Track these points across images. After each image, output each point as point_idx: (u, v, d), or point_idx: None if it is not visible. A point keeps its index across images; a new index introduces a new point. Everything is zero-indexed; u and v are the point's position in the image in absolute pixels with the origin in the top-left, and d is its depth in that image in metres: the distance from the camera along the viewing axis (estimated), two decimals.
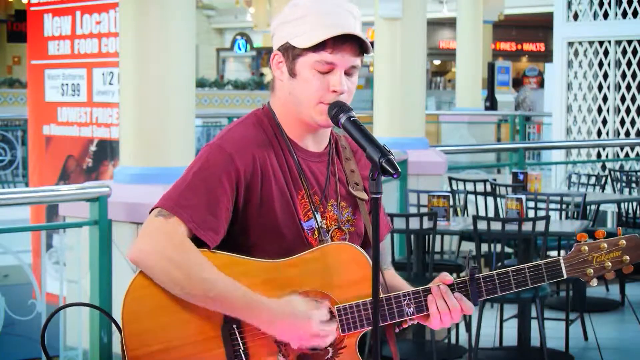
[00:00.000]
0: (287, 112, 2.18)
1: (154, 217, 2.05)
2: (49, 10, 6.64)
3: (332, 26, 2.08)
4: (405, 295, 2.12)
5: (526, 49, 30.25)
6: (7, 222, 6.05)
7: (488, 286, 2.15)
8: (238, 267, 2.05)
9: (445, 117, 16.96)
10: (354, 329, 2.10)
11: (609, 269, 2.18)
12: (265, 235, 2.11)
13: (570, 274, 2.17)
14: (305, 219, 2.15)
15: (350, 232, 2.22)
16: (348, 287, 2.10)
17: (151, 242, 2.02)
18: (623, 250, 2.19)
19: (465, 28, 15.90)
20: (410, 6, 7.21)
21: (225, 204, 2.06)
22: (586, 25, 9.27)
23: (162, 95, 4.95)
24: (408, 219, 5.30)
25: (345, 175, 2.24)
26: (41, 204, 6.19)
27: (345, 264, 2.11)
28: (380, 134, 7.22)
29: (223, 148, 2.09)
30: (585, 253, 2.18)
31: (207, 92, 17.01)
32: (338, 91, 2.11)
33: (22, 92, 15.84)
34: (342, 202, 2.22)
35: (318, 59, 2.09)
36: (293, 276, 2.08)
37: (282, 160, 2.14)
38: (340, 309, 2.09)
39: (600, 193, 7.58)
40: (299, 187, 2.16)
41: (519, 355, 5.49)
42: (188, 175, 2.09)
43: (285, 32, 2.13)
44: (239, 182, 2.08)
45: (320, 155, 2.22)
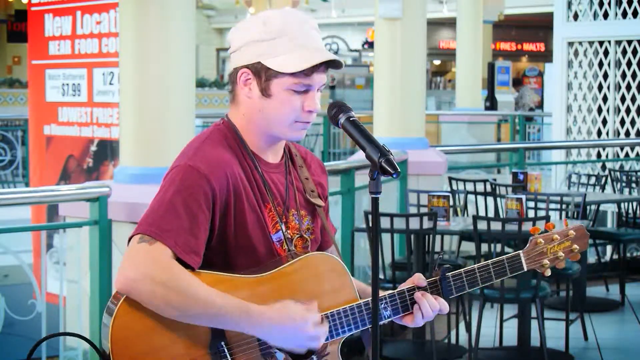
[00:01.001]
0: (250, 126, 2.19)
1: (136, 243, 2.04)
2: (50, 10, 6.65)
3: (310, 50, 2.12)
4: (381, 300, 2.19)
5: (526, 49, 30.25)
6: (8, 222, 6.05)
7: (457, 284, 2.25)
8: (223, 284, 2.07)
9: (445, 117, 16.96)
10: (336, 336, 2.16)
11: (561, 258, 2.32)
12: (239, 250, 2.14)
13: (530, 266, 2.31)
14: (273, 231, 2.19)
15: (311, 239, 2.28)
16: (329, 295, 2.16)
17: (140, 269, 2.01)
18: (572, 239, 2.34)
19: (465, 28, 15.89)
20: (410, 6, 7.22)
21: (204, 225, 2.08)
22: (586, 25, 9.28)
23: (162, 95, 4.95)
24: (408, 219, 5.30)
25: (301, 183, 2.29)
26: (41, 204, 6.19)
27: (324, 273, 2.17)
28: (380, 134, 7.23)
29: (197, 169, 2.08)
30: (541, 245, 2.32)
31: (207, 92, 17.01)
32: (313, 111, 2.16)
33: (22, 92, 15.83)
34: (302, 211, 2.27)
35: (296, 82, 2.12)
36: (276, 289, 2.11)
37: (249, 174, 2.17)
38: (323, 317, 2.13)
39: (600, 193, 7.57)
40: (266, 200, 2.19)
41: (519, 355, 5.49)
42: (165, 197, 2.08)
43: (256, 51, 2.14)
44: (215, 202, 2.09)
45: (279, 166, 2.26)
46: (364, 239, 6.45)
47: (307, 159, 2.35)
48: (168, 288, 1.99)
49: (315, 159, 2.37)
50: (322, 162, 2.41)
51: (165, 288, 1.99)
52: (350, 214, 5.83)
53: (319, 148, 15.42)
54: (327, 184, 2.39)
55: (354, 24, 27.30)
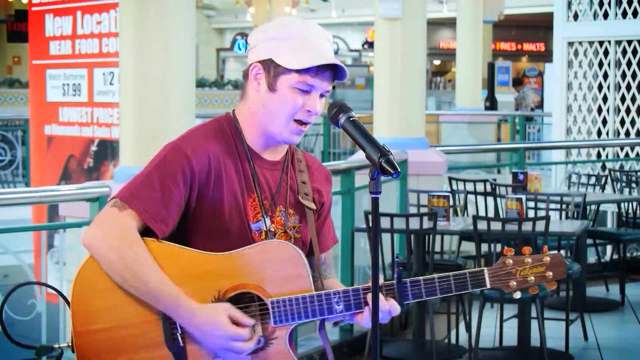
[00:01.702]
0: (253, 121, 2.30)
1: (109, 206, 2.20)
2: (50, 10, 6.65)
3: (320, 54, 2.22)
4: (335, 294, 2.23)
5: (526, 49, 30.26)
6: (9, 222, 6.05)
7: (414, 290, 2.26)
8: (180, 257, 2.19)
9: (445, 117, 16.97)
10: (285, 322, 2.21)
11: (532, 282, 2.28)
12: (212, 232, 2.24)
13: (494, 284, 2.28)
14: (254, 220, 2.28)
15: (296, 237, 2.34)
16: (282, 282, 2.21)
17: (102, 230, 2.18)
18: (547, 266, 2.29)
19: (465, 28, 15.90)
20: (410, 6, 7.22)
21: (177, 200, 2.20)
22: (586, 25, 9.28)
23: (162, 95, 4.95)
24: (408, 219, 5.30)
25: (296, 185, 2.36)
26: (41, 204, 6.19)
27: (281, 260, 2.22)
28: (380, 134, 7.23)
29: (181, 148, 2.22)
30: (509, 266, 2.28)
31: (207, 92, 17.02)
32: (312, 111, 2.24)
33: (22, 92, 15.84)
34: (290, 209, 2.34)
35: (301, 80, 2.22)
36: (232, 268, 2.20)
37: (237, 164, 2.27)
38: (274, 302, 2.20)
39: (600, 193, 7.58)
40: (251, 190, 2.28)
41: (519, 355, 5.50)
42: (145, 170, 2.23)
43: (270, 48, 2.25)
44: (193, 182, 2.21)
45: (275, 164, 2.34)
46: (364, 239, 6.45)
47: (312, 167, 2.42)
48: (117, 254, 2.14)
49: (321, 170, 2.45)
50: (330, 174, 2.48)
51: (115, 253, 2.15)
52: (350, 214, 5.84)
53: (319, 148, 15.42)
54: (327, 193, 2.43)
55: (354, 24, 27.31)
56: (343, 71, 2.26)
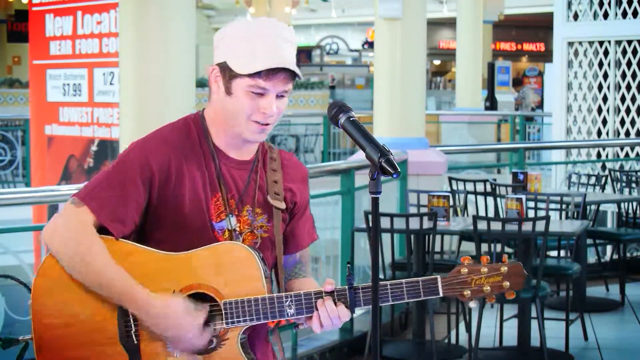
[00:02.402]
0: (218, 121, 2.30)
1: (68, 204, 2.23)
2: (51, 10, 6.65)
3: (269, 57, 2.19)
4: (287, 297, 2.24)
5: (526, 49, 30.27)
6: (9, 222, 6.04)
7: (366, 297, 2.25)
8: (136, 256, 2.21)
9: (445, 117, 16.97)
10: (237, 323, 2.22)
11: (487, 292, 2.25)
12: (173, 231, 2.25)
13: (447, 293, 2.26)
14: (217, 220, 2.28)
15: (263, 237, 2.33)
16: (236, 283, 2.22)
17: (57, 225, 2.21)
18: (504, 276, 2.26)
19: (465, 28, 15.90)
20: (410, 6, 7.22)
21: (135, 199, 2.21)
22: (586, 25, 9.28)
23: (162, 95, 4.96)
24: (408, 219, 5.30)
25: (266, 184, 2.35)
26: (41, 204, 6.19)
27: (236, 262, 2.23)
28: (380, 134, 7.23)
29: (142, 147, 2.25)
30: (464, 275, 2.25)
31: (207, 92, 16.99)
32: (267, 113, 2.23)
33: (22, 92, 15.83)
34: (258, 209, 2.33)
35: (252, 84, 2.21)
36: (187, 269, 2.22)
37: (201, 163, 2.27)
38: (227, 303, 2.21)
39: (600, 193, 7.58)
40: (215, 190, 2.28)
41: (519, 355, 5.50)
42: (106, 169, 2.26)
43: (225, 51, 2.25)
44: (153, 181, 2.22)
45: (244, 163, 2.33)
46: (364, 239, 6.45)
47: (287, 166, 2.40)
48: (72, 249, 2.17)
49: (298, 169, 2.42)
50: (306, 173, 2.45)
51: (69, 248, 2.18)
52: (350, 214, 5.84)
53: (319, 148, 15.42)
54: (302, 192, 2.41)
55: (354, 24, 27.32)
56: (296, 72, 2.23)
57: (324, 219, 6.04)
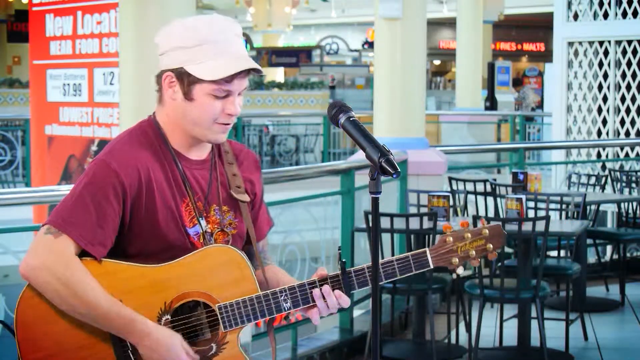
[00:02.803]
0: (173, 125, 2.27)
1: (43, 234, 2.14)
2: (51, 10, 6.65)
3: (232, 61, 2.18)
4: (281, 292, 2.24)
5: (526, 49, 30.27)
6: (9, 222, 6.04)
7: (359, 279, 2.27)
8: (121, 273, 2.16)
9: (445, 117, 16.98)
10: (235, 326, 2.22)
11: (473, 256, 2.31)
12: (150, 243, 2.21)
13: (437, 263, 2.30)
14: (190, 225, 2.25)
15: (233, 234, 2.32)
16: (228, 286, 2.21)
17: (40, 259, 2.11)
18: (486, 238, 2.32)
19: (465, 28, 15.91)
20: (410, 6, 7.22)
21: (112, 218, 2.16)
22: (586, 25, 9.28)
23: None
24: (408, 219, 5.30)
25: (227, 179, 2.34)
26: (41, 204, 6.18)
27: (224, 264, 2.22)
28: (380, 134, 7.23)
29: (109, 164, 2.17)
30: (450, 243, 2.31)
31: None
32: (233, 115, 2.23)
33: (22, 92, 15.84)
34: (224, 206, 2.32)
35: (216, 88, 2.19)
36: (175, 278, 2.18)
37: (166, 170, 2.24)
38: (222, 307, 2.20)
39: (600, 193, 7.58)
40: (183, 195, 2.25)
41: (519, 355, 5.50)
42: (76, 191, 2.17)
43: (180, 57, 2.21)
44: (125, 197, 2.17)
45: (203, 162, 2.31)
46: (364, 239, 6.45)
47: (240, 156, 2.40)
48: (61, 283, 2.10)
49: (250, 156, 2.42)
50: (257, 159, 2.46)
51: (59, 282, 2.10)
52: (350, 214, 5.84)
53: (319, 148, 15.42)
54: (259, 181, 2.42)
55: (354, 24, 27.33)
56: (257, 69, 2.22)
57: (324, 219, 6.04)
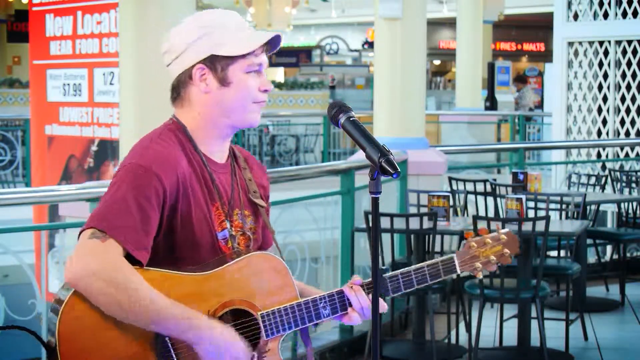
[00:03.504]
0: (204, 124, 2.26)
1: (87, 238, 2.09)
2: (51, 10, 6.65)
3: (252, 33, 2.24)
4: (321, 299, 2.26)
5: (526, 49, 30.26)
6: (10, 222, 6.05)
7: (393, 285, 2.32)
8: (167, 281, 2.13)
9: (445, 117, 16.97)
10: (276, 333, 2.22)
11: (493, 262, 2.40)
12: (184, 248, 2.20)
13: (463, 269, 2.38)
14: (219, 229, 2.25)
15: (253, 238, 2.33)
16: (270, 294, 2.22)
17: (90, 265, 2.05)
18: (504, 244, 2.41)
19: (465, 28, 15.90)
20: (410, 6, 7.22)
21: (154, 222, 2.14)
22: (586, 25, 9.28)
23: (162, 95, 4.93)
24: (408, 219, 5.31)
25: (246, 184, 2.35)
26: (41, 204, 6.19)
27: (267, 272, 2.23)
28: (380, 134, 7.23)
29: (149, 167, 2.14)
30: (474, 249, 2.39)
31: None
32: (268, 89, 2.26)
33: (22, 92, 15.84)
34: (246, 211, 2.33)
35: (249, 63, 2.22)
36: (219, 287, 2.17)
37: (198, 173, 2.23)
38: (264, 315, 2.21)
39: (600, 193, 7.58)
40: (214, 199, 2.25)
41: (519, 355, 5.50)
42: (118, 194, 2.13)
43: (205, 45, 2.22)
44: (165, 201, 2.15)
45: (225, 166, 2.31)
46: (364, 239, 6.45)
47: (249, 161, 2.41)
48: (116, 287, 2.04)
49: (256, 162, 2.44)
50: (263, 164, 2.49)
51: (113, 286, 2.04)
52: (350, 214, 5.84)
53: (319, 148, 15.42)
54: (268, 186, 2.44)
55: (354, 24, 27.34)
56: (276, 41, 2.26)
57: (324, 219, 6.04)
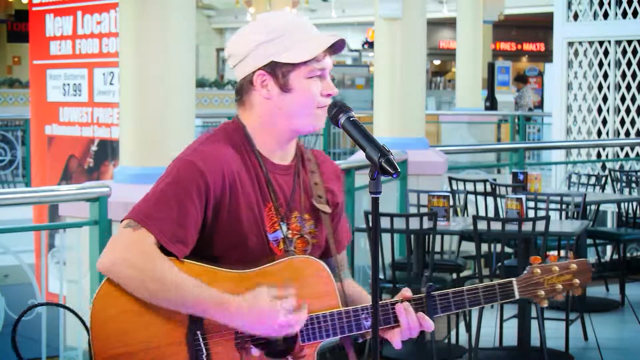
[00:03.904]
0: (263, 127, 2.24)
1: (122, 228, 2.13)
2: (51, 10, 6.65)
3: (316, 36, 2.21)
4: (363, 309, 2.20)
5: (526, 49, 30.24)
6: (10, 222, 6.05)
7: (443, 304, 2.24)
8: (205, 275, 2.11)
9: (445, 117, 16.96)
10: (313, 340, 2.18)
11: (559, 291, 2.28)
12: (230, 247, 2.18)
13: (523, 294, 2.27)
14: (271, 231, 2.22)
15: (313, 243, 2.29)
16: (310, 299, 2.16)
17: (119, 252, 2.10)
18: (573, 273, 2.29)
19: (465, 28, 15.89)
20: (410, 6, 7.22)
21: (194, 217, 2.13)
22: (586, 25, 9.28)
23: (162, 95, 4.95)
24: (408, 219, 5.30)
25: (310, 188, 2.31)
26: (41, 204, 6.19)
27: (309, 277, 2.19)
28: (380, 134, 7.23)
29: (194, 164, 2.14)
30: (537, 275, 2.28)
31: (207, 92, 17.02)
32: (332, 93, 2.23)
33: (22, 92, 15.85)
34: (306, 215, 2.29)
35: (311, 69, 2.19)
36: (256, 286, 2.13)
37: (251, 174, 2.21)
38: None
39: (600, 193, 7.58)
40: (267, 199, 2.22)
41: (519, 355, 5.50)
42: (158, 187, 2.16)
43: (267, 51, 2.20)
44: (209, 198, 2.14)
45: (287, 168, 2.28)
46: (364, 239, 6.45)
47: (322, 165, 2.36)
48: (143, 273, 2.07)
49: (332, 166, 2.39)
50: (339, 169, 2.43)
51: (141, 272, 2.07)
52: (350, 214, 5.83)
53: (319, 148, 15.42)
54: (340, 191, 2.39)
55: (354, 24, 27.31)
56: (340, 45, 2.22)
57: None
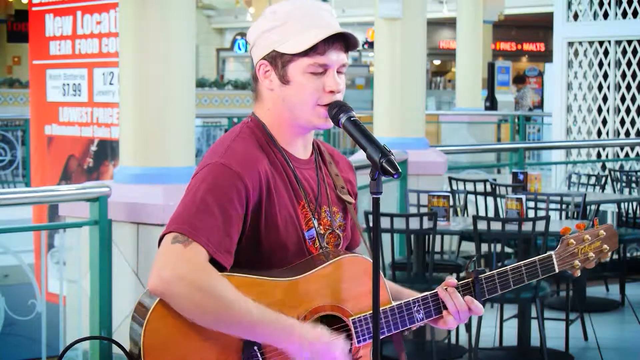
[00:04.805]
0: (277, 120, 2.17)
1: (170, 243, 2.00)
2: (51, 10, 6.64)
3: (320, 27, 2.09)
4: (414, 302, 2.18)
5: (526, 49, 30.25)
6: (10, 222, 6.05)
7: (489, 286, 2.23)
8: (256, 287, 2.04)
9: (445, 117, 16.96)
10: (369, 339, 2.13)
11: (592, 259, 2.31)
12: (269, 248, 2.11)
13: (561, 267, 2.29)
14: (306, 229, 2.17)
15: (342, 236, 2.25)
16: (361, 298, 2.12)
17: (175, 270, 1.97)
18: (602, 240, 2.32)
19: (465, 28, 15.89)
20: (410, 6, 7.22)
21: (237, 224, 2.05)
22: (586, 25, 9.28)
23: (162, 95, 4.95)
24: (408, 219, 5.30)
25: (332, 179, 2.26)
26: (41, 204, 6.19)
27: (357, 276, 2.13)
28: (380, 134, 7.22)
29: (230, 167, 2.06)
30: (572, 246, 2.30)
31: (207, 92, 17.01)
32: (335, 91, 2.12)
33: (22, 92, 15.85)
34: (334, 207, 2.24)
35: (311, 62, 2.10)
36: (309, 292, 2.09)
37: (280, 171, 2.14)
38: (356, 321, 2.12)
39: (600, 193, 7.58)
40: (299, 197, 2.16)
41: (519, 355, 5.50)
42: (197, 196, 2.04)
43: (269, 40, 2.12)
44: (249, 201, 2.06)
45: (309, 162, 2.22)
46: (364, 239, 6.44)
47: (335, 157, 2.32)
48: (204, 292, 1.96)
49: (342, 157, 2.35)
50: (349, 160, 2.38)
51: (202, 292, 1.96)
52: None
53: None
54: (355, 182, 2.35)
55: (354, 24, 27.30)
56: (353, 39, 2.11)
57: None
